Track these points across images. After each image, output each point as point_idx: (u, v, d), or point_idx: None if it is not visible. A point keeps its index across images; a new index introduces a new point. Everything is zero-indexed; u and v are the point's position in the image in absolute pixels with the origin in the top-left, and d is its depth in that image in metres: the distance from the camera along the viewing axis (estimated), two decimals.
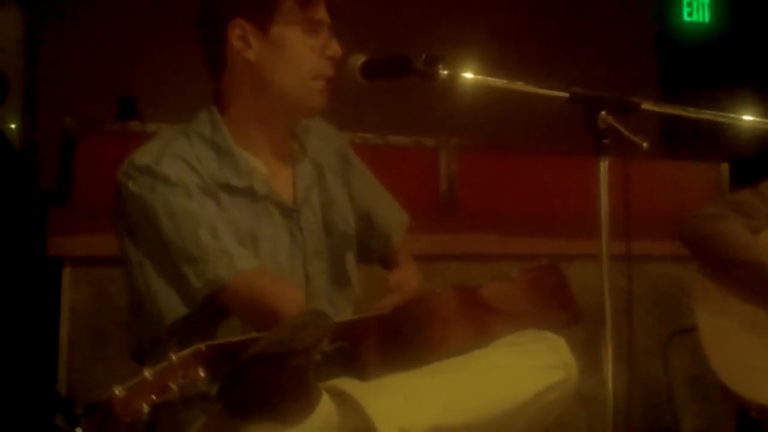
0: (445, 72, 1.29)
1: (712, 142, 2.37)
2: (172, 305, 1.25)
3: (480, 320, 1.32)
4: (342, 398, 1.12)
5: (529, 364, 1.26)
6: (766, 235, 1.82)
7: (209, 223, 1.27)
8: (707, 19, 3.30)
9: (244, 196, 1.34)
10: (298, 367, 1.02)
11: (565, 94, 1.32)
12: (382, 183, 1.62)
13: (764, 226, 1.83)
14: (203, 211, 1.28)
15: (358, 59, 1.36)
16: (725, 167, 2.59)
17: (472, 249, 2.33)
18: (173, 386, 0.95)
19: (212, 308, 1.27)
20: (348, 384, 1.14)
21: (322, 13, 1.37)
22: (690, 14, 3.27)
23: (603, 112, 1.28)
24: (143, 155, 1.30)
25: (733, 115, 1.46)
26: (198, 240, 1.25)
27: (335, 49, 1.38)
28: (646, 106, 1.32)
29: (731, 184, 2.55)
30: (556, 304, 1.42)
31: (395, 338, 1.26)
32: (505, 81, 1.35)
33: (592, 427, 2.21)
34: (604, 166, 1.31)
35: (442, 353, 1.25)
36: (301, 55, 1.36)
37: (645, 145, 1.28)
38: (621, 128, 1.27)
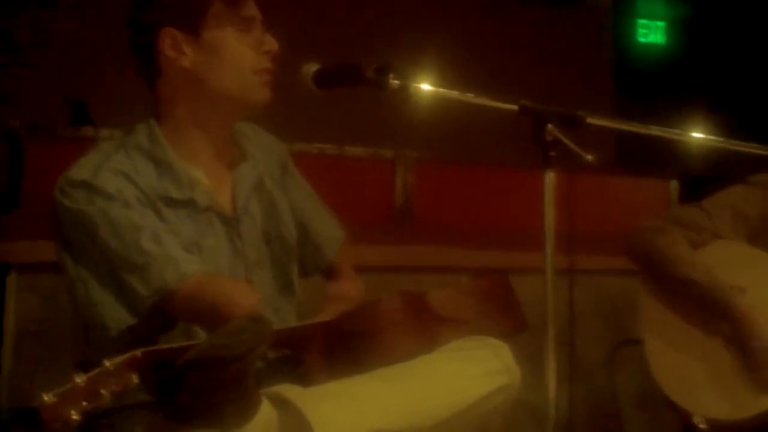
0: (396, 82, 1.30)
1: (663, 159, 2.42)
2: (117, 316, 1.24)
3: (426, 326, 1.33)
4: (283, 405, 1.11)
5: (472, 369, 1.27)
6: (709, 251, 1.86)
7: (151, 230, 1.26)
8: (662, 40, 3.39)
9: (186, 207, 1.33)
10: (237, 373, 1.01)
11: (515, 107, 1.34)
12: (337, 193, 1.62)
13: (707, 241, 1.87)
14: (144, 220, 1.27)
15: (311, 68, 1.37)
16: (674, 184, 2.66)
17: (426, 261, 2.34)
18: (105, 393, 0.93)
19: (159, 317, 1.25)
20: (289, 390, 1.14)
21: (252, 10, 1.37)
22: (645, 36, 3.36)
23: (550, 125, 1.30)
24: (79, 170, 1.29)
25: (681, 132, 1.50)
26: (141, 248, 1.24)
27: (271, 43, 1.37)
28: (592, 120, 1.35)
29: (680, 201, 2.61)
30: (502, 313, 1.45)
31: (340, 344, 1.27)
32: (456, 93, 1.37)
33: None
34: (549, 178, 1.33)
35: (388, 359, 1.26)
36: (238, 54, 1.35)
37: (591, 158, 1.30)
38: (567, 141, 1.30)
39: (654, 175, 2.69)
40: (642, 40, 3.38)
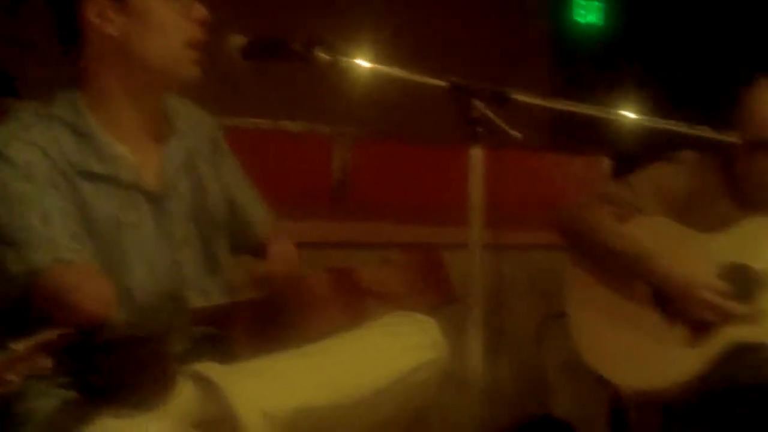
0: (324, 55, 1.29)
1: (597, 137, 2.47)
2: None
3: (354, 301, 1.34)
4: (203, 383, 1.10)
5: (398, 344, 1.28)
6: (633, 224, 1.91)
7: (44, 209, 1.21)
8: (599, 20, 3.43)
9: (107, 182, 1.29)
10: (154, 353, 0.99)
11: (444, 83, 1.34)
12: (274, 169, 1.60)
13: (632, 216, 1.92)
14: (41, 198, 1.22)
15: (237, 39, 1.35)
16: (607, 161, 2.72)
17: (363, 237, 2.34)
18: (14, 378, 0.90)
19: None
20: (210, 368, 1.13)
21: None
22: (582, 15, 3.39)
23: (476, 101, 1.31)
24: None
25: (609, 110, 1.53)
26: (26, 223, 1.20)
27: (199, 10, 1.34)
28: (519, 96, 1.36)
29: (613, 178, 2.67)
30: (432, 287, 1.46)
31: (267, 321, 1.27)
32: (385, 67, 1.37)
33: (470, 411, 2.27)
34: (476, 154, 1.34)
35: (314, 335, 1.26)
36: (167, 20, 1.31)
37: (517, 135, 1.32)
38: (493, 117, 1.31)
39: (587, 152, 2.75)
40: (579, 19, 3.41)
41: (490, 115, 1.31)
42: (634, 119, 1.52)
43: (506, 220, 2.56)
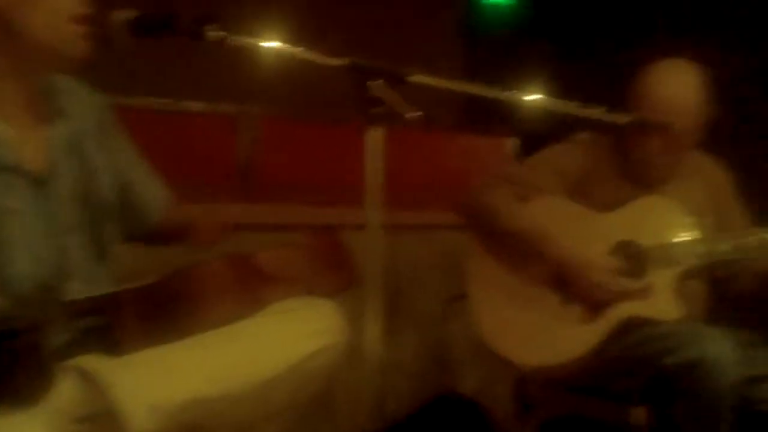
0: (215, 33, 1.25)
1: (505, 117, 2.50)
2: None
3: (252, 288, 1.31)
4: (86, 378, 1.05)
5: (295, 330, 1.27)
6: (533, 204, 1.94)
7: None
8: (509, 1, 3.45)
9: None
10: (28, 345, 0.94)
11: (343, 62, 1.32)
12: (177, 150, 1.54)
13: (532, 196, 1.96)
14: None
15: (123, 15, 1.28)
16: (515, 141, 2.76)
17: (271, 219, 2.30)
18: None
19: None
20: (93, 361, 1.08)
21: None
22: None
23: (372, 81, 1.30)
24: None
25: (509, 92, 1.54)
26: None
27: None
28: (416, 77, 1.35)
29: (519, 158, 2.72)
30: (333, 270, 1.45)
31: (157, 310, 1.22)
32: (280, 46, 1.33)
33: (379, 390, 2.29)
34: (373, 134, 1.33)
35: (209, 323, 1.22)
36: None
37: (416, 115, 1.31)
38: (388, 97, 1.30)
39: (495, 132, 2.79)
40: (489, 1, 3.43)
41: (386, 96, 1.29)
42: (528, 100, 1.54)
43: (412, 200, 2.58)
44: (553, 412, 2.06)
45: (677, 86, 1.88)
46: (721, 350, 1.68)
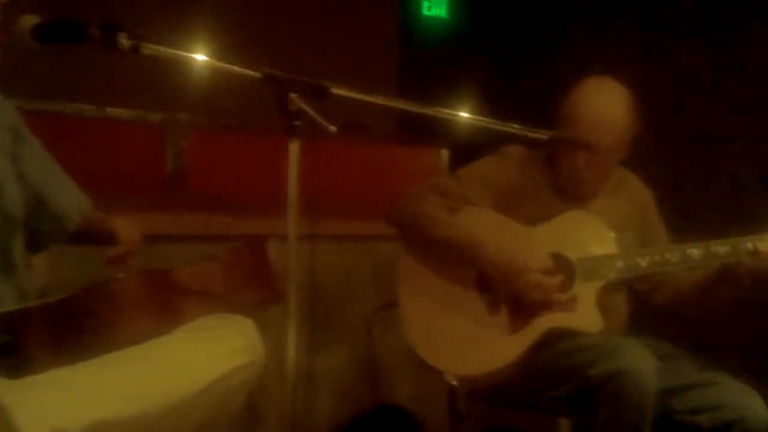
0: (127, 42, 1.21)
1: (438, 129, 2.52)
2: None
3: (168, 304, 1.27)
4: None
5: (210, 349, 1.23)
6: (462, 215, 1.95)
7: None
8: (445, 14, 3.48)
9: None
10: None
11: (258, 74, 1.30)
12: (101, 159, 1.50)
13: (460, 207, 1.97)
14: None
15: (30, 20, 1.24)
16: (445, 153, 2.79)
17: (200, 230, 2.26)
18: None
19: None
20: None
21: None
22: (429, 9, 3.44)
23: (293, 94, 1.29)
24: None
25: (422, 105, 1.55)
26: None
27: None
28: (337, 90, 1.35)
29: (450, 169, 2.74)
30: (255, 284, 1.42)
31: (66, 328, 1.17)
32: (192, 55, 1.31)
33: (312, 403, 2.27)
34: (294, 147, 1.32)
35: (122, 341, 1.18)
36: None
37: (333, 129, 1.31)
38: (309, 111, 1.29)
39: (428, 144, 2.80)
40: (426, 13, 3.45)
41: (307, 109, 1.28)
42: (452, 114, 1.56)
43: (346, 211, 2.57)
44: (483, 424, 2.07)
45: (602, 104, 1.93)
46: (642, 362, 1.72)
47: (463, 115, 1.52)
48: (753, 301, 1.92)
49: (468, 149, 2.29)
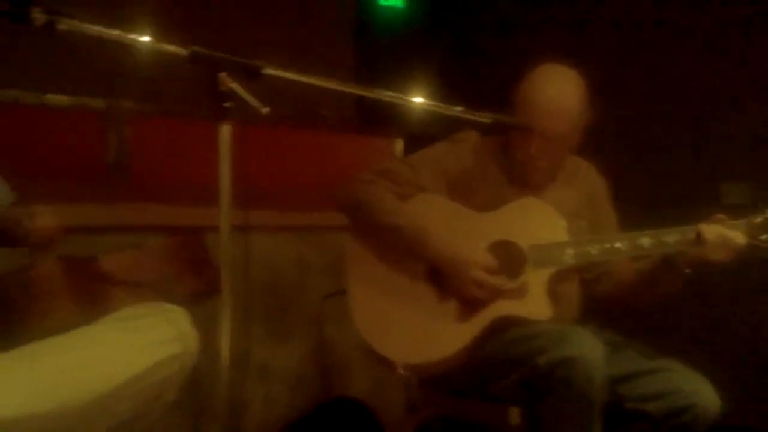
0: (40, 16, 1.15)
1: (394, 118, 2.48)
2: None
3: (93, 292, 1.23)
4: None
5: (138, 340, 1.18)
6: (411, 202, 1.92)
7: None
8: (401, 3, 3.44)
9: None
10: None
11: (185, 52, 1.25)
12: (39, 148, 1.43)
13: (411, 194, 1.93)
14: None
15: None
16: (400, 142, 2.75)
17: (144, 220, 2.19)
18: None
19: None
20: None
21: None
22: None
23: (222, 74, 1.23)
24: None
25: (391, 94, 1.52)
26: None
27: None
28: (269, 71, 1.30)
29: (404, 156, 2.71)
30: (192, 273, 1.38)
31: None
32: (127, 36, 1.25)
33: (268, 396, 2.22)
34: (225, 130, 1.27)
35: (42, 330, 1.13)
36: None
37: (266, 111, 1.25)
38: (239, 91, 1.24)
39: (384, 132, 2.77)
40: (382, 2, 3.42)
41: (238, 89, 1.23)
42: (406, 100, 1.52)
43: (297, 201, 2.52)
44: (432, 414, 2.04)
45: (554, 91, 1.90)
46: (590, 349, 1.70)
47: (410, 99, 1.48)
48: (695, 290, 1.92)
49: (422, 139, 2.26)
